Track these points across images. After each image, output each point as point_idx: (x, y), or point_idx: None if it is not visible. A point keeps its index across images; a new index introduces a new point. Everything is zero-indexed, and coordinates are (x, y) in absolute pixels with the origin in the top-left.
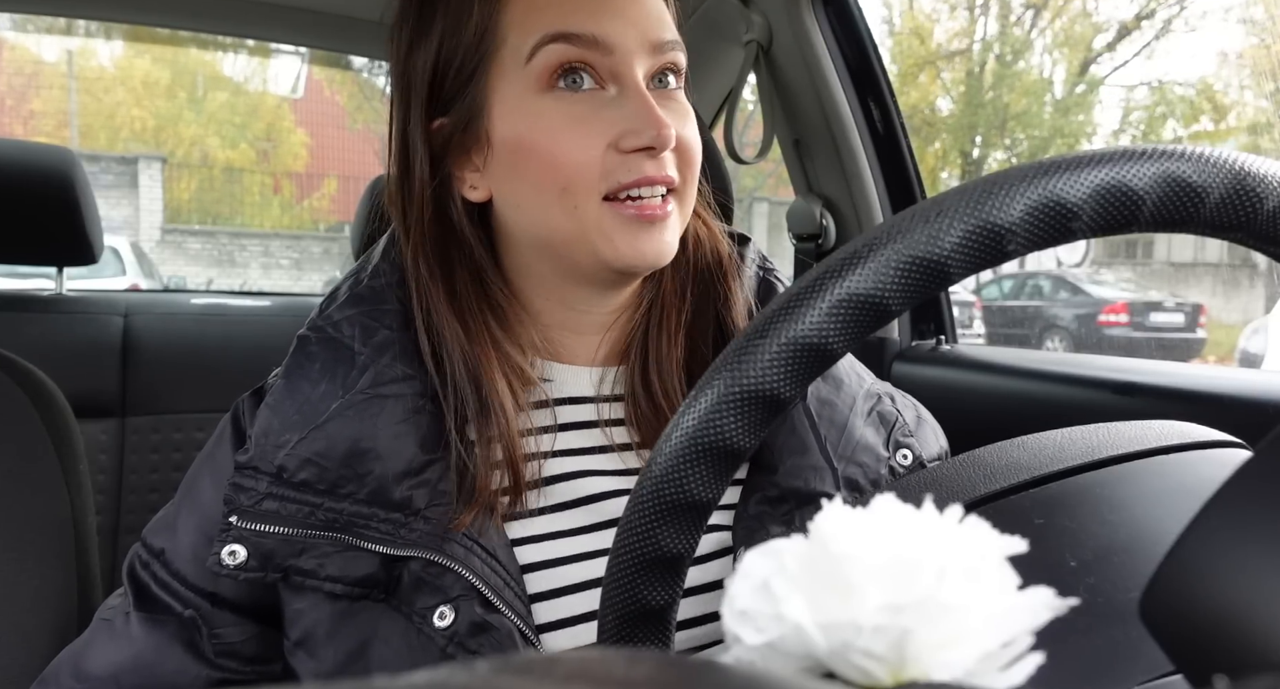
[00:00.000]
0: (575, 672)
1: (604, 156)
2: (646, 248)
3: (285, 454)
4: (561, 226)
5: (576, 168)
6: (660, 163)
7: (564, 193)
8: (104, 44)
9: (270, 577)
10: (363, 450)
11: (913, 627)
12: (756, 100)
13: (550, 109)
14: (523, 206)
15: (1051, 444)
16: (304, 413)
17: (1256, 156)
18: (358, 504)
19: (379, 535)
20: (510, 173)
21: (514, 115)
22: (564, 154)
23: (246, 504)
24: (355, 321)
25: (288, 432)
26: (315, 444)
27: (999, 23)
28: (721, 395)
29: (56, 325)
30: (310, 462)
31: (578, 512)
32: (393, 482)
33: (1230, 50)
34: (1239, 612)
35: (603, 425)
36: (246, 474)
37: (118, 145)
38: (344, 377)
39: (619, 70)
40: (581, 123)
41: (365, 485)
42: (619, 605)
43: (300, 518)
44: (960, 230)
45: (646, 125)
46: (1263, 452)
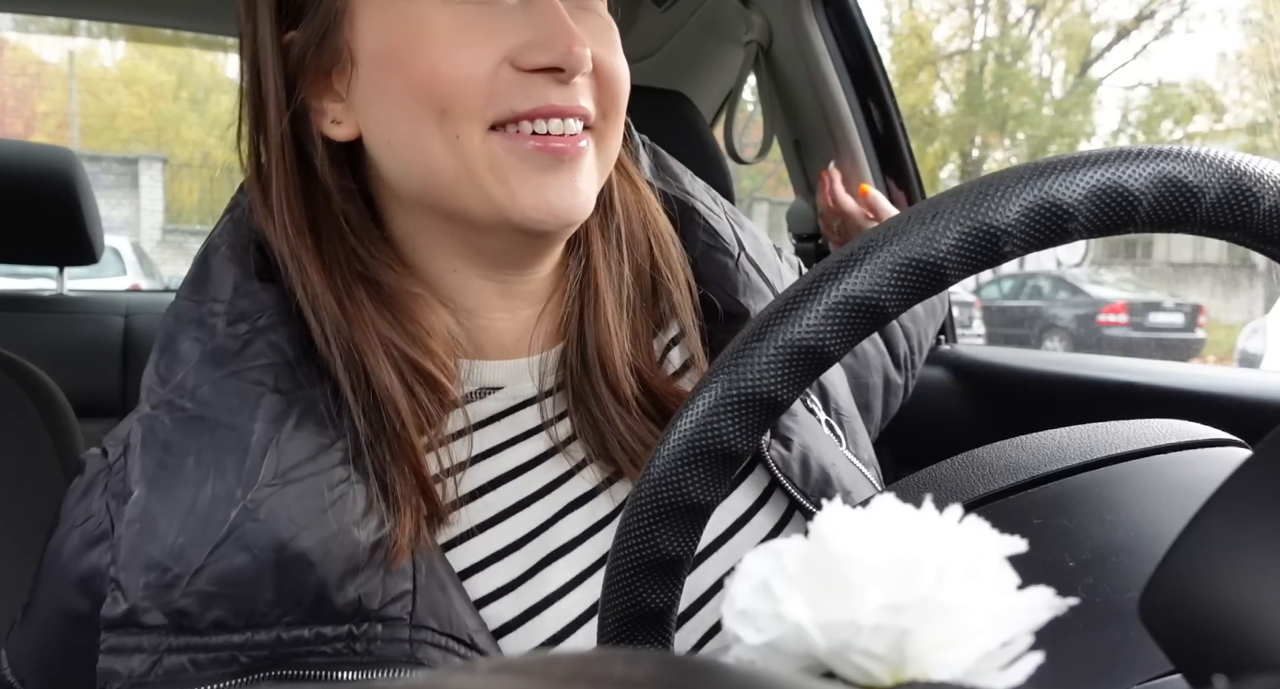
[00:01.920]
0: (575, 672)
1: (495, 74)
2: (555, 196)
3: (181, 594)
4: (443, 165)
5: (459, 84)
6: (571, 90)
7: (443, 117)
8: (106, 45)
9: None
10: (289, 559)
11: (912, 626)
12: (756, 100)
13: (430, 14)
14: (395, 141)
15: (1050, 444)
16: (192, 532)
17: (1253, 156)
18: (293, 628)
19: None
20: (379, 96)
21: (383, 20)
22: (445, 67)
23: (139, 672)
24: (225, 389)
25: (176, 563)
26: (220, 569)
27: (998, 23)
28: (719, 398)
29: (57, 325)
30: (220, 595)
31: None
32: (333, 588)
33: (1230, 51)
34: (1238, 611)
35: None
36: (126, 633)
37: (118, 146)
38: (236, 469)
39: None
40: (469, 28)
41: (299, 603)
42: (619, 608)
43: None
44: (956, 232)
45: (554, 38)
46: (1262, 451)
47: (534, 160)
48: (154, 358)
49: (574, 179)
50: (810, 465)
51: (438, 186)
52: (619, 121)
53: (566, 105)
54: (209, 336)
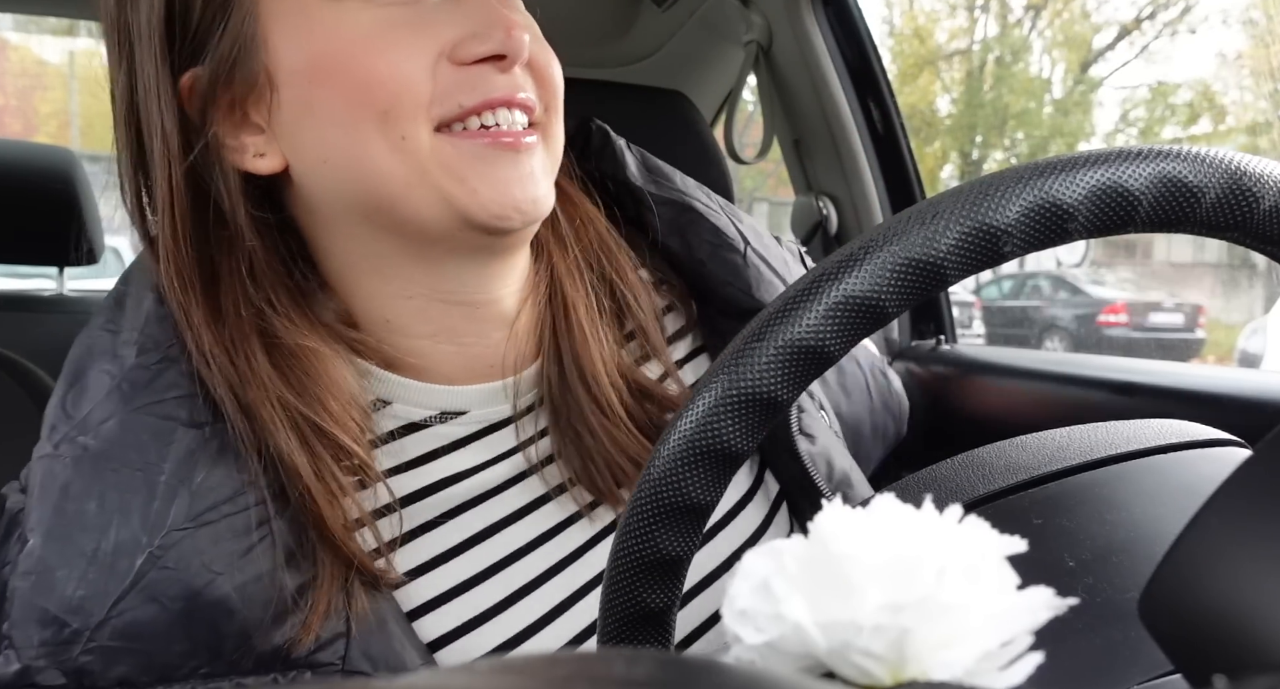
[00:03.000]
0: (575, 672)
1: (434, 71)
2: (516, 189)
3: (81, 651)
4: (390, 171)
5: (399, 84)
6: (513, 80)
7: (385, 121)
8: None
9: None
10: (203, 607)
11: (912, 626)
12: (756, 100)
13: (354, 14)
14: (333, 158)
15: (1050, 444)
16: (93, 583)
17: (1252, 156)
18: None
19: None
20: (308, 115)
21: (303, 32)
22: (381, 67)
23: None
24: (134, 425)
25: (75, 618)
26: (125, 622)
27: (999, 23)
28: (719, 398)
29: (58, 326)
30: (125, 650)
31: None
32: (257, 633)
33: (1229, 51)
34: (1238, 611)
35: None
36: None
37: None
38: (143, 513)
39: None
40: (398, 28)
41: (218, 654)
42: (619, 608)
43: None
44: (956, 232)
45: (490, 26)
46: (1262, 451)
47: (488, 155)
48: (59, 391)
49: (532, 172)
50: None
51: (388, 196)
52: (559, 116)
53: (515, 95)
54: (119, 369)
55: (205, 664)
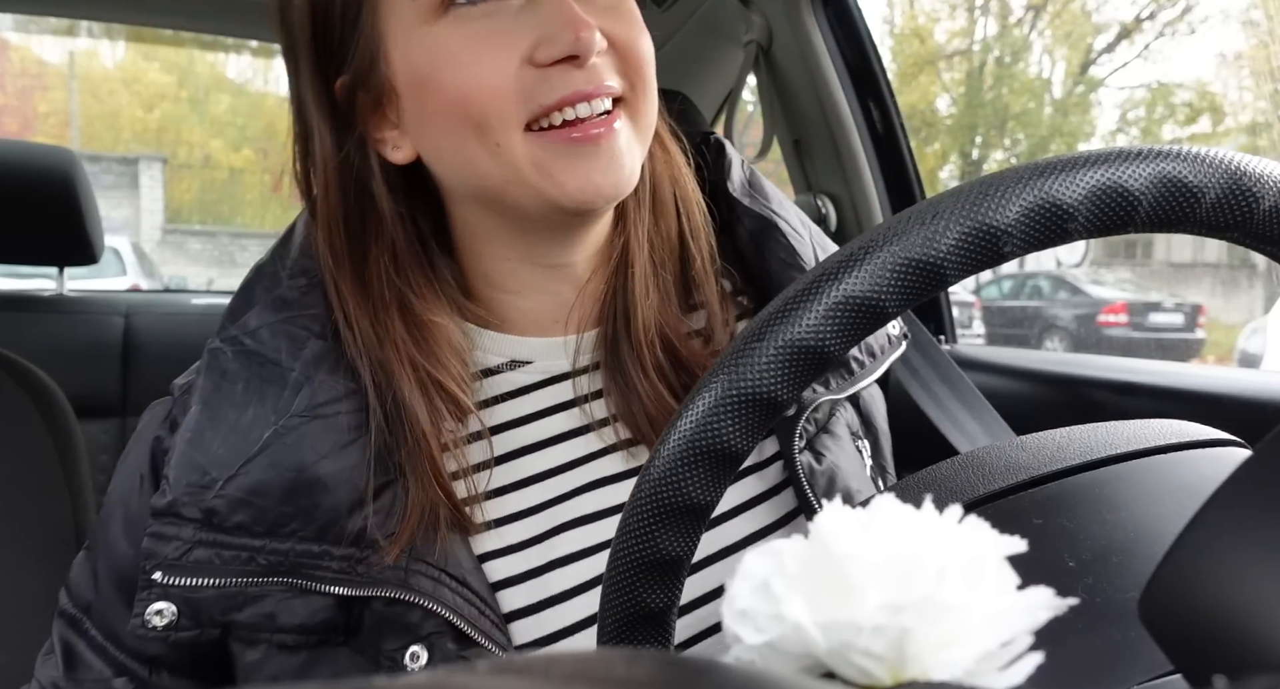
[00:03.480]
0: (575, 672)
1: (519, 76)
2: (599, 178)
3: (214, 496)
4: (489, 172)
5: (488, 96)
6: (592, 72)
7: (480, 130)
8: (107, 46)
9: (207, 634)
10: (307, 482)
11: (912, 626)
12: (756, 100)
13: (446, 35)
14: (444, 156)
15: (1050, 444)
16: (232, 445)
17: (1252, 156)
18: (305, 542)
19: (332, 575)
20: (423, 119)
21: (412, 52)
22: (470, 83)
23: (172, 556)
24: (279, 331)
25: (215, 469)
26: (249, 480)
27: (999, 23)
28: (719, 398)
29: (57, 326)
30: (245, 502)
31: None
32: (344, 513)
33: (1230, 51)
34: (1238, 611)
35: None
36: (168, 522)
37: (118, 146)
38: (275, 398)
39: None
40: (483, 39)
41: (313, 521)
42: (619, 608)
43: (238, 566)
44: (956, 232)
45: (562, 28)
46: (1262, 451)
47: (572, 151)
48: (232, 300)
49: (614, 157)
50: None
51: (490, 190)
52: (648, 90)
53: (590, 87)
54: (274, 286)
55: (302, 528)
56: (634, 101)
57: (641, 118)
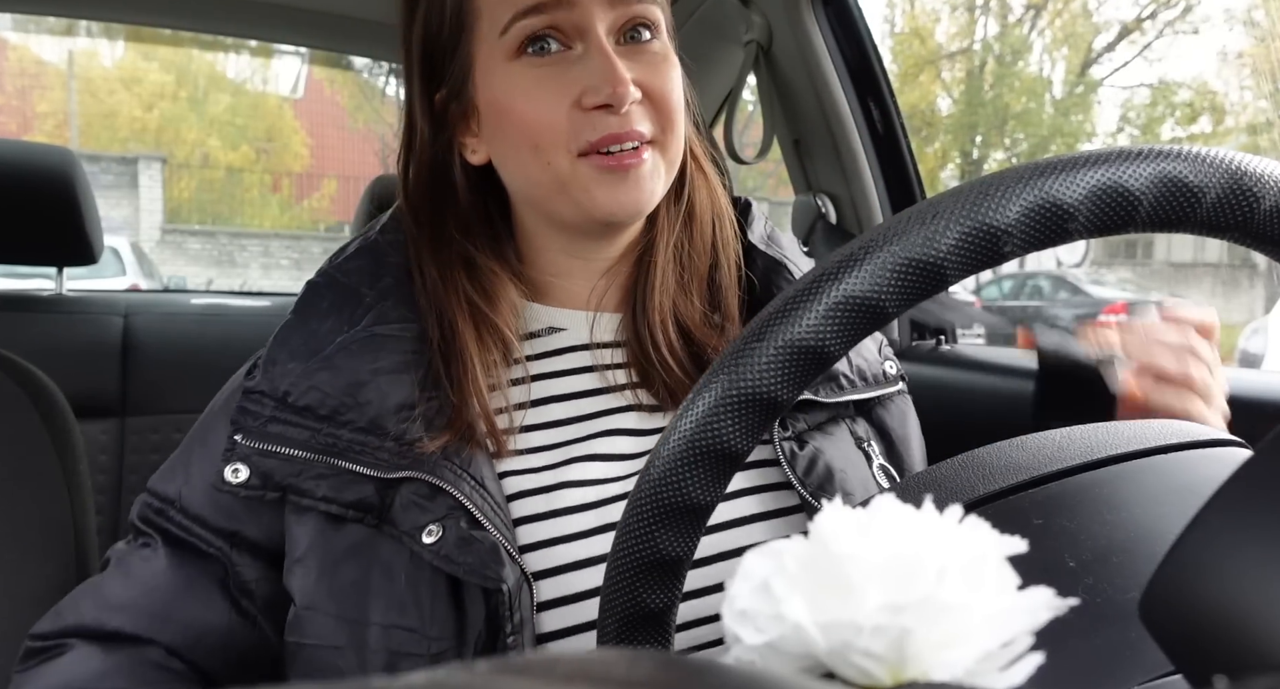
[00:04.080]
0: (575, 672)
1: (569, 116)
2: (624, 198)
3: (290, 381)
4: (540, 181)
5: (543, 127)
6: (626, 118)
7: (535, 150)
8: (105, 45)
9: (269, 495)
10: (362, 382)
11: (912, 627)
12: (756, 100)
13: (519, 74)
14: (507, 165)
15: (1051, 444)
16: (309, 345)
17: (1253, 156)
18: (355, 432)
19: (373, 461)
20: (495, 134)
21: (492, 82)
22: (532, 115)
23: (253, 425)
24: (364, 269)
25: (294, 360)
26: (319, 373)
27: (999, 22)
28: (719, 398)
29: (56, 326)
30: (314, 388)
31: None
32: (389, 413)
33: (1231, 50)
34: (1239, 612)
35: (600, 369)
36: (253, 398)
37: (117, 146)
38: (350, 314)
39: (581, 25)
40: (545, 84)
41: (364, 415)
42: (619, 608)
43: (301, 441)
44: (957, 232)
45: (604, 82)
46: (1263, 451)
47: (606, 177)
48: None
49: (638, 184)
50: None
51: (538, 196)
52: (675, 132)
53: (623, 131)
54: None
55: (356, 420)
56: (663, 141)
57: (668, 153)
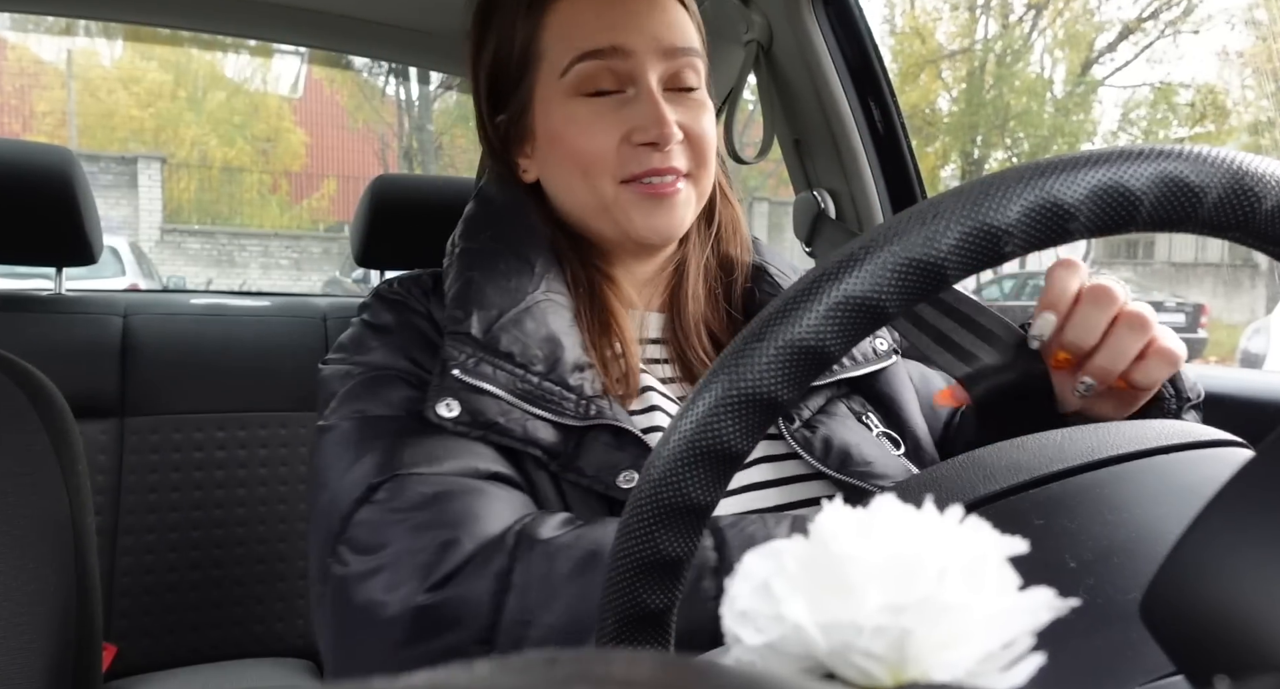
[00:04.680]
0: (575, 672)
1: (619, 149)
2: (658, 223)
3: (496, 326)
4: (587, 202)
5: (594, 157)
6: (667, 155)
7: (585, 175)
8: (104, 45)
9: (474, 433)
10: (553, 336)
11: (913, 627)
12: (756, 100)
13: (577, 109)
14: (558, 186)
15: (1051, 444)
16: (506, 295)
17: (1254, 155)
18: (546, 381)
19: (561, 410)
20: (549, 158)
21: (551, 113)
22: (585, 146)
23: (466, 362)
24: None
25: (494, 308)
26: (520, 323)
27: (1000, 22)
28: (719, 398)
29: (55, 325)
30: (516, 337)
31: None
32: (570, 369)
33: (1232, 50)
34: (1240, 612)
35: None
36: (459, 338)
37: (117, 145)
38: (527, 279)
39: (635, 73)
40: (598, 121)
41: (552, 368)
42: (619, 608)
43: (504, 383)
44: (957, 232)
45: (652, 124)
46: (1264, 452)
47: (645, 204)
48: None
49: (672, 212)
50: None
51: (585, 215)
52: (708, 168)
53: (664, 166)
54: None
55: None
56: (697, 175)
57: (700, 185)
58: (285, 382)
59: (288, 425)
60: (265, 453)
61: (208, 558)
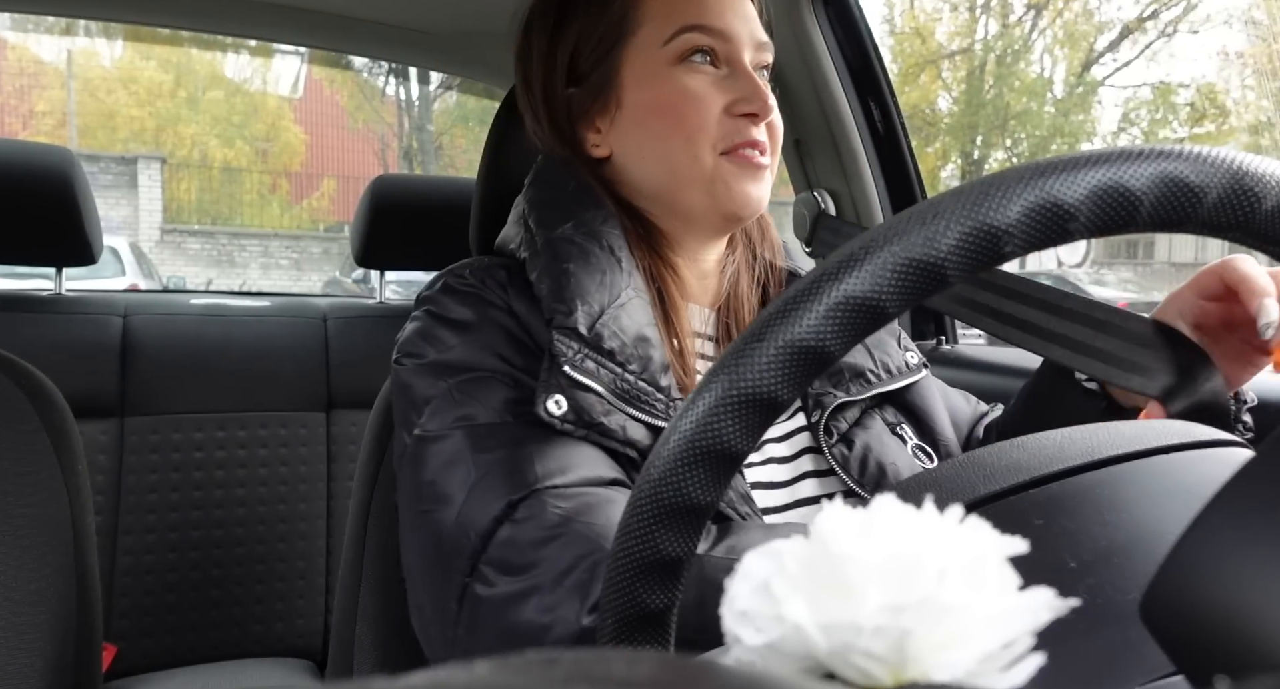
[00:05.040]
0: (575, 672)
1: (719, 119)
2: (752, 194)
3: (599, 322)
4: (682, 172)
5: (698, 124)
6: (760, 130)
7: (687, 142)
8: (104, 45)
9: (578, 433)
10: (643, 335)
11: (913, 627)
12: None
13: (680, 78)
14: (644, 158)
15: (1051, 444)
16: (603, 291)
17: (1254, 155)
18: (640, 381)
19: (656, 412)
20: (639, 128)
21: (649, 81)
22: (691, 112)
23: (574, 359)
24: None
25: (595, 303)
26: (618, 320)
27: (999, 22)
28: (719, 398)
29: (55, 326)
30: (616, 334)
31: None
32: (659, 368)
33: (1232, 50)
34: (1240, 612)
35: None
36: (567, 334)
37: (117, 145)
38: (617, 274)
39: (733, 56)
40: (705, 87)
41: (645, 367)
42: (619, 608)
43: (606, 382)
44: (957, 232)
45: (755, 96)
46: (1264, 452)
47: (742, 173)
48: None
49: (763, 185)
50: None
51: (674, 185)
52: (778, 156)
53: (760, 139)
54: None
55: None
56: (772, 160)
57: (773, 170)
58: (285, 382)
59: (288, 425)
60: (265, 453)
61: (208, 558)
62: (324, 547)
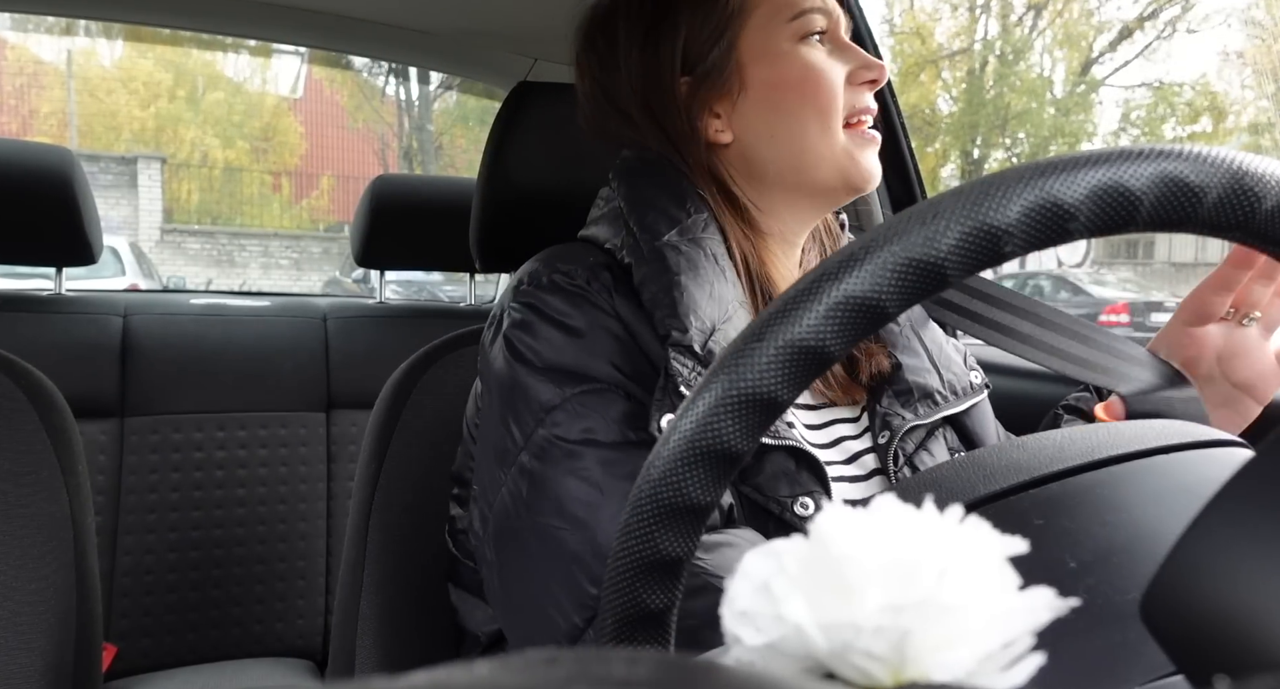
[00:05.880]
0: (575, 672)
1: (845, 88)
2: (875, 168)
3: (710, 340)
4: (817, 148)
5: (831, 96)
6: (873, 99)
7: (820, 116)
8: (104, 45)
9: None
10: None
11: (913, 627)
12: None
13: (805, 54)
14: (778, 137)
15: (1051, 444)
16: (713, 305)
17: (1254, 155)
18: None
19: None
20: (766, 109)
21: (773, 61)
22: (824, 85)
23: (690, 378)
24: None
25: (707, 320)
26: (729, 336)
27: (1000, 22)
28: (719, 398)
29: (55, 325)
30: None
31: None
32: None
33: (1232, 50)
34: (1240, 612)
35: None
36: (682, 352)
37: (117, 145)
38: (724, 286)
39: (836, 35)
40: (830, 58)
41: None
42: (619, 608)
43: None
44: (957, 232)
45: (870, 65)
46: (1264, 451)
47: (867, 146)
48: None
49: (876, 158)
50: None
51: (806, 163)
52: None
53: (873, 107)
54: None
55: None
56: None
57: None
58: (285, 382)
59: (288, 425)
60: (265, 453)
61: (208, 558)
62: (324, 547)
